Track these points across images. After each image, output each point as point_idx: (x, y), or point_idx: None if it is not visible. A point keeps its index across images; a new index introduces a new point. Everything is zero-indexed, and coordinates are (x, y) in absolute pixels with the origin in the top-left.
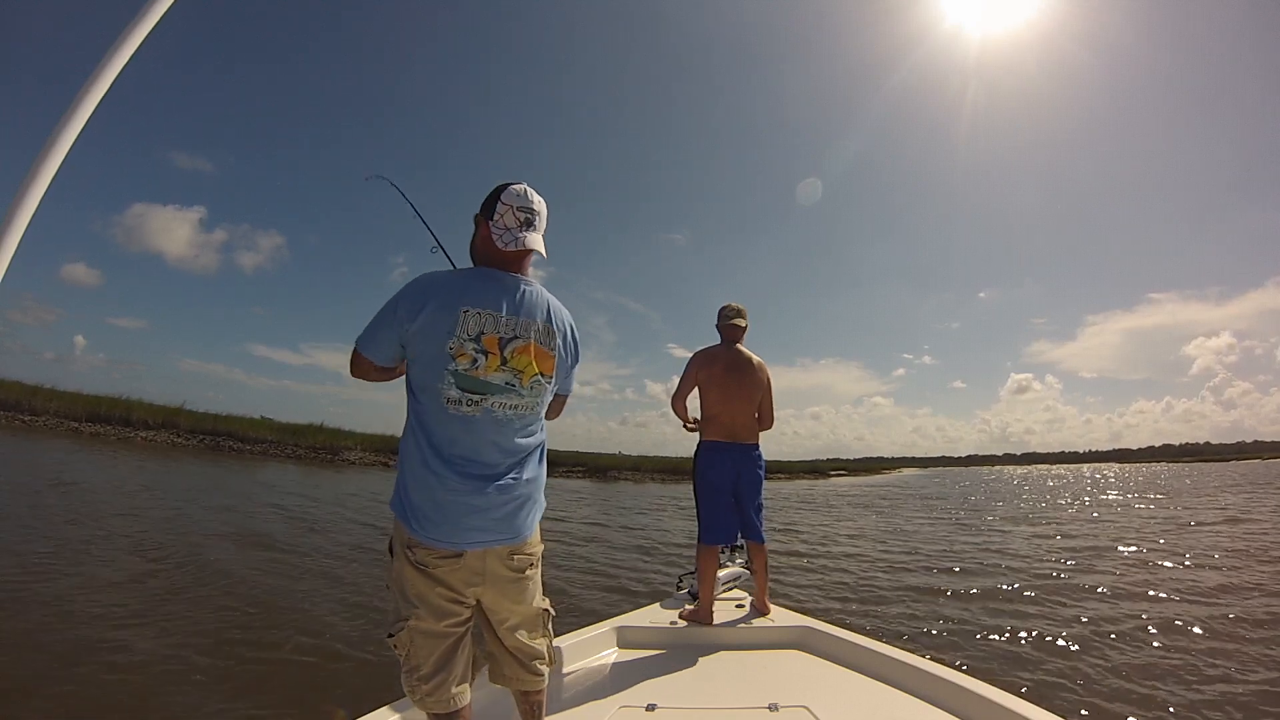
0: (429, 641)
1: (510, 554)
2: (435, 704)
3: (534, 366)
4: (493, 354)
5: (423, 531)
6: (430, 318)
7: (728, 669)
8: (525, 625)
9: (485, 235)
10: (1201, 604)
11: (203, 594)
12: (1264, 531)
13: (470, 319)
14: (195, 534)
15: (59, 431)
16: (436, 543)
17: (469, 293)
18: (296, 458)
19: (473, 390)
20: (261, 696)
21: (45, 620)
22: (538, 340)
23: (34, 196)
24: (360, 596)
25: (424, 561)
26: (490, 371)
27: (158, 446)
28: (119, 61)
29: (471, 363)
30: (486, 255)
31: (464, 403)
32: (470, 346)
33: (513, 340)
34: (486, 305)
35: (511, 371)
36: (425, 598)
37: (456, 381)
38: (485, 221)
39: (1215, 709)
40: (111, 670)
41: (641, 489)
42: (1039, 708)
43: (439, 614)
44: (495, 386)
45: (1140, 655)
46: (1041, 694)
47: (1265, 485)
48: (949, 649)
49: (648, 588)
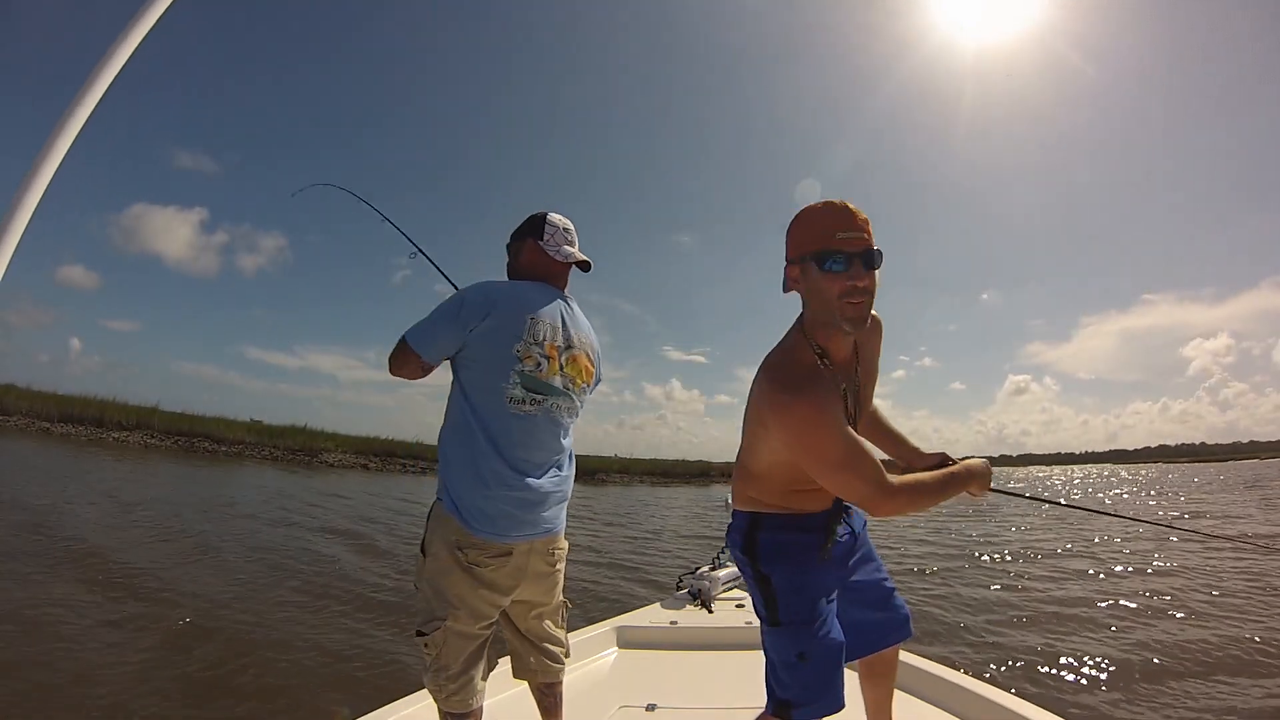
0: (462, 642)
1: (549, 548)
2: (459, 703)
3: (583, 374)
4: (553, 359)
5: (479, 528)
6: (498, 320)
7: (728, 669)
8: (549, 614)
9: (535, 251)
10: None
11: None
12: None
13: (535, 325)
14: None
15: (29, 432)
16: (497, 538)
17: (534, 301)
18: (273, 459)
19: (536, 390)
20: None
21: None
22: (585, 351)
23: (33, 196)
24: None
25: (476, 562)
26: (551, 374)
27: (129, 447)
28: (120, 58)
29: (536, 365)
30: (535, 269)
31: (527, 402)
32: (535, 350)
33: (568, 349)
34: (548, 314)
35: (567, 376)
36: (466, 599)
37: (522, 381)
38: (535, 241)
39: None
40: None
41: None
42: (1039, 708)
43: (477, 616)
44: (555, 389)
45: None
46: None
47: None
48: (949, 649)
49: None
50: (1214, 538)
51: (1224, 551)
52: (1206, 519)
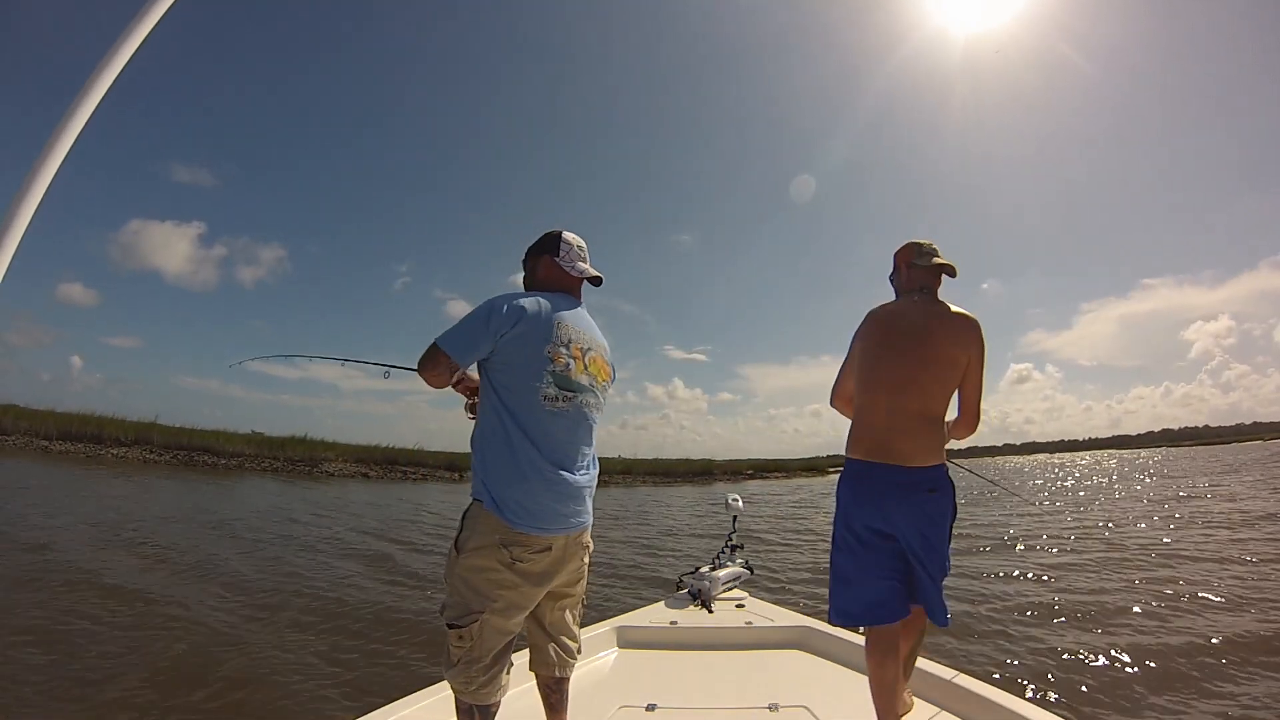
0: (496, 636)
1: (582, 540)
2: (487, 695)
3: (603, 374)
4: (578, 359)
5: (521, 522)
6: (529, 324)
7: (728, 669)
8: (572, 606)
9: (552, 266)
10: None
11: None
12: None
13: (564, 329)
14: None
15: (28, 450)
16: (540, 532)
17: (559, 308)
18: (274, 470)
19: (568, 389)
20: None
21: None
22: (603, 353)
23: (27, 210)
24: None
25: (520, 558)
26: (579, 373)
27: (129, 463)
28: (113, 71)
29: (565, 365)
30: (552, 283)
31: (560, 399)
32: (563, 351)
33: (589, 350)
34: (571, 319)
35: (590, 375)
36: (505, 595)
37: (555, 380)
38: (551, 257)
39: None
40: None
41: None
42: (1039, 708)
43: (515, 610)
44: (584, 386)
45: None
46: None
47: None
48: (949, 650)
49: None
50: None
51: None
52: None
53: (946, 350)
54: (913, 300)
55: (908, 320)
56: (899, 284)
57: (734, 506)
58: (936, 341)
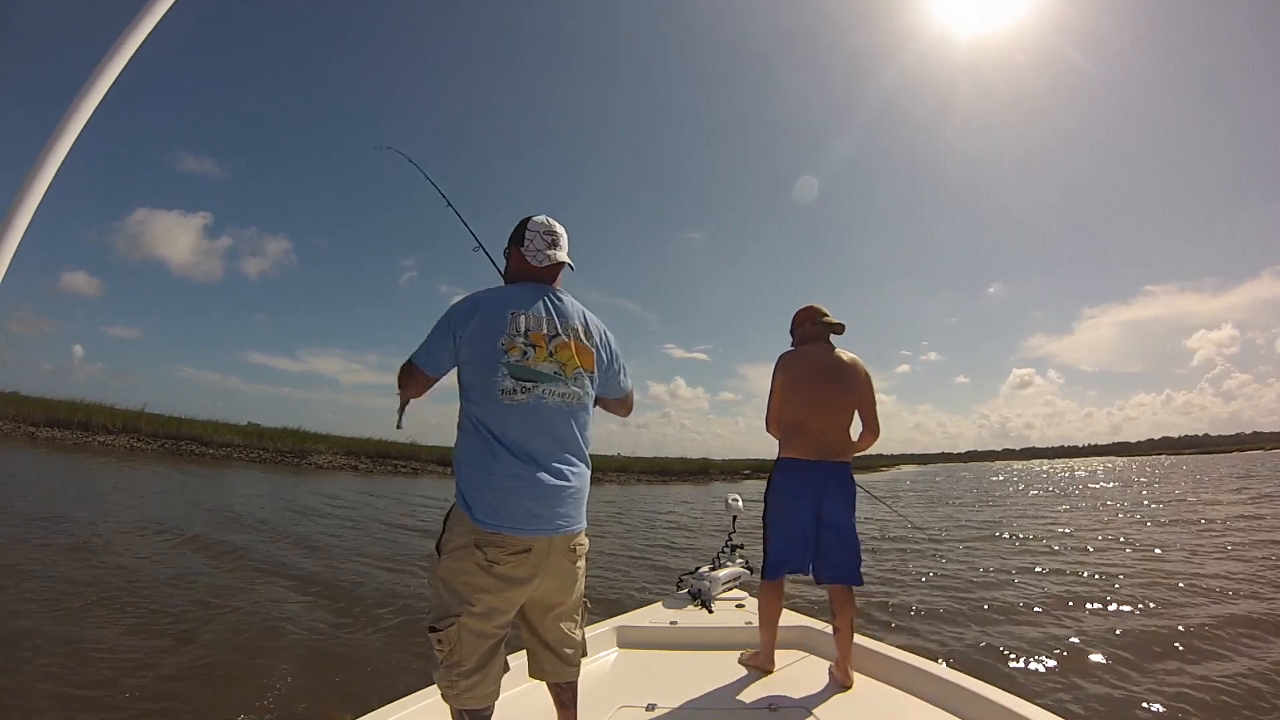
0: (475, 640)
1: (570, 544)
2: (471, 700)
3: (575, 360)
4: (540, 347)
5: (491, 521)
6: (482, 321)
7: (728, 669)
8: (568, 614)
9: (519, 258)
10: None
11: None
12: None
13: (518, 319)
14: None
15: (14, 437)
16: (514, 532)
17: (515, 300)
18: (261, 461)
19: (524, 379)
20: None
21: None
22: (576, 338)
23: (32, 201)
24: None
25: (495, 559)
26: (539, 361)
27: (115, 450)
28: (121, 60)
29: (522, 354)
30: (523, 274)
31: (517, 391)
32: (519, 341)
33: (555, 337)
34: (530, 308)
35: (557, 363)
36: (482, 597)
37: (510, 371)
38: (517, 248)
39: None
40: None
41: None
42: (1039, 707)
43: (493, 613)
44: (545, 375)
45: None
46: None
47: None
48: (949, 650)
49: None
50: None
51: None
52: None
53: (848, 382)
54: (820, 346)
55: (822, 361)
56: (802, 335)
57: (734, 506)
58: (841, 375)
